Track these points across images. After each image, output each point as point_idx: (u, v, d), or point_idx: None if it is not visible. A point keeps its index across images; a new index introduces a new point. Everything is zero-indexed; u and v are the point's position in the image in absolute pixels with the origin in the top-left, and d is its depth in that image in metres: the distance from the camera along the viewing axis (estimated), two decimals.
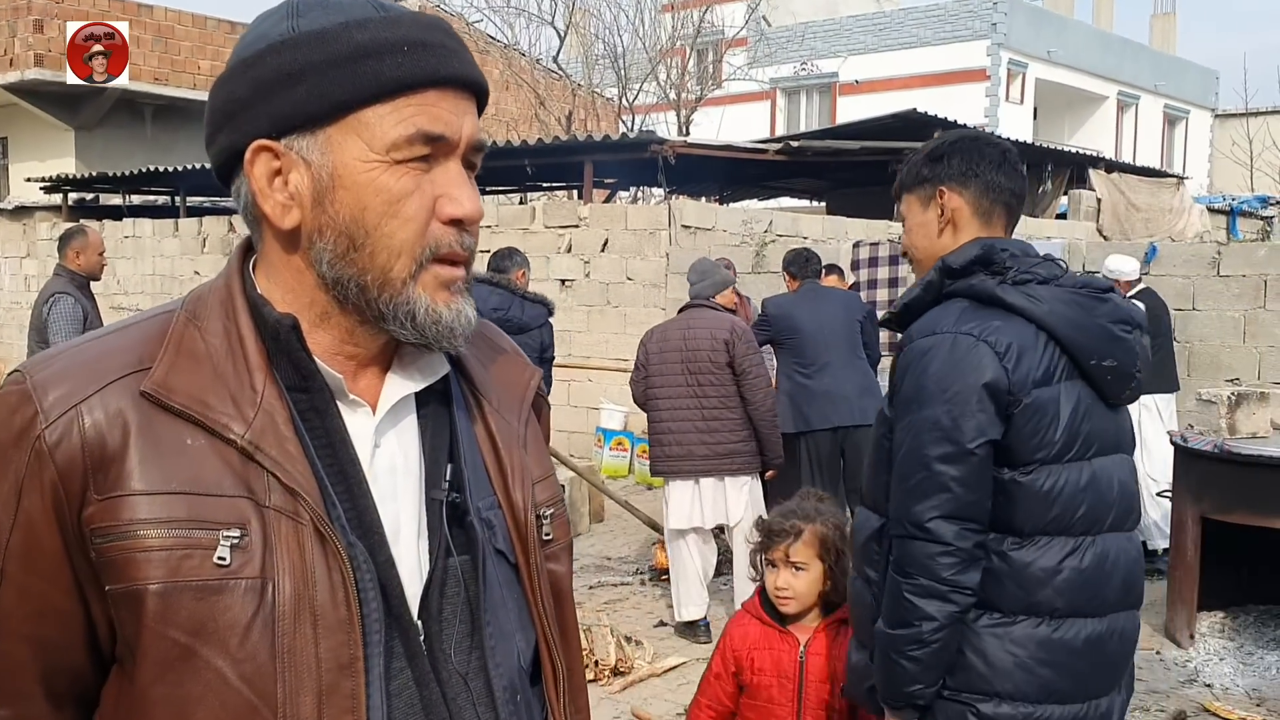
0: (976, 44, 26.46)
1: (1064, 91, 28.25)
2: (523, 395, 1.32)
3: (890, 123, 13.85)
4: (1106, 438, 2.29)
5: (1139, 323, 2.31)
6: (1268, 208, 19.43)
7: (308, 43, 1.08)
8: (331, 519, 1.07)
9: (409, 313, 1.11)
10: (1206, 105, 32.54)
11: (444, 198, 1.12)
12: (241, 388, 1.09)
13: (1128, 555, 2.31)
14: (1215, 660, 5.91)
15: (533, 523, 1.24)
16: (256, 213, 1.14)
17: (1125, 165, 17.93)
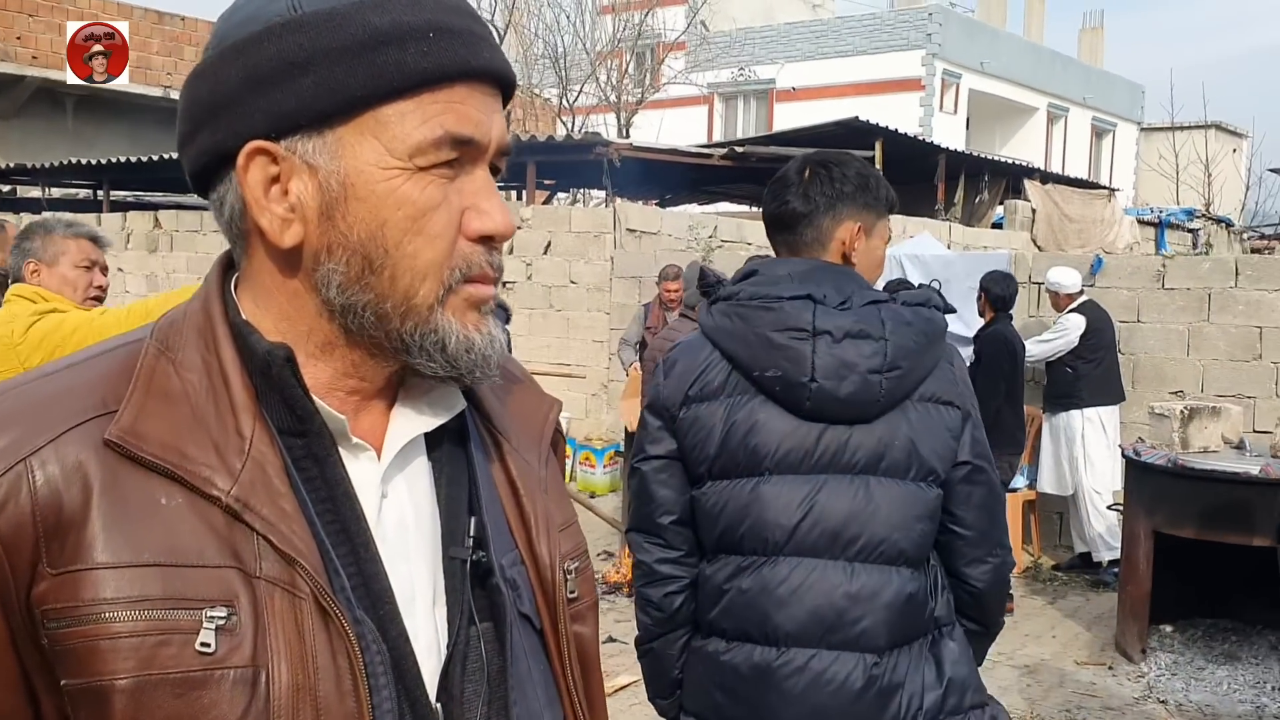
0: (912, 54, 26.73)
1: (996, 102, 28.62)
2: (541, 431, 1.15)
3: (832, 130, 13.87)
4: (805, 455, 2.11)
5: (831, 329, 2.08)
6: (1194, 220, 19.80)
7: (315, 25, 0.90)
8: (335, 590, 0.90)
9: (438, 343, 0.95)
10: (1133, 118, 33.17)
11: (472, 210, 0.95)
12: (225, 433, 0.90)
13: (828, 587, 2.09)
14: (1168, 675, 5.91)
15: (560, 580, 1.07)
16: (247, 226, 0.96)
17: (1059, 176, 18.15)
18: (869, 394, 2.08)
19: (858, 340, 2.08)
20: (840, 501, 2.10)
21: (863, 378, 2.07)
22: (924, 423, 2.12)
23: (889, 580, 2.11)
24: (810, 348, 2.08)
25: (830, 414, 2.10)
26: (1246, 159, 28.97)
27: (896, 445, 2.10)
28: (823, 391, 2.08)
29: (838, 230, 2.21)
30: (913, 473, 2.11)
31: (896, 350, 2.08)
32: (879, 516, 2.10)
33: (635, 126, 20.62)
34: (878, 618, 2.09)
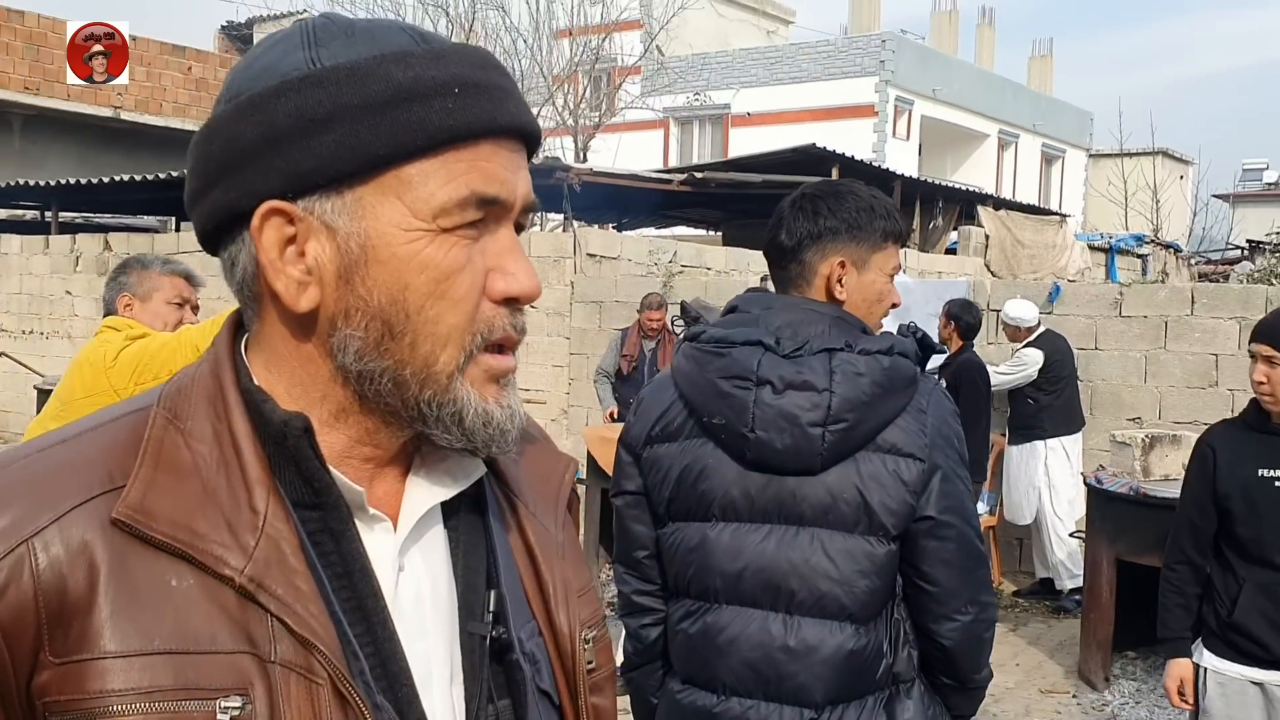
0: (865, 80, 26.96)
1: (948, 129, 28.93)
2: (558, 493, 1.11)
3: (790, 157, 13.96)
4: (750, 503, 2.08)
5: (773, 379, 2.04)
6: (1143, 246, 20.08)
7: (335, 80, 0.86)
8: (354, 674, 0.85)
9: (455, 414, 0.91)
10: (1081, 145, 33.67)
11: (497, 271, 0.91)
12: (238, 508, 0.86)
13: (766, 639, 2.07)
14: (1131, 704, 5.94)
15: (580, 652, 1.03)
16: (260, 289, 0.91)
17: (1011, 202, 18.37)
18: (809, 447, 2.03)
19: (799, 391, 2.03)
20: (783, 552, 2.06)
21: (803, 430, 2.03)
22: (878, 475, 2.04)
23: (829, 635, 2.06)
24: (752, 397, 2.05)
25: (770, 465, 2.06)
26: (1193, 185, 29.54)
27: (845, 498, 2.05)
28: (761, 443, 2.05)
29: (820, 265, 2.16)
30: (861, 526, 2.05)
31: (841, 403, 2.01)
32: (821, 570, 2.05)
33: (592, 150, 20.63)
34: (815, 673, 2.05)
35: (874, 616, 2.09)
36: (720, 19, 30.17)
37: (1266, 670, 3.15)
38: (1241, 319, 8.36)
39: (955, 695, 2.20)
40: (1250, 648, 3.16)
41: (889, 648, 2.11)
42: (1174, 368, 8.15)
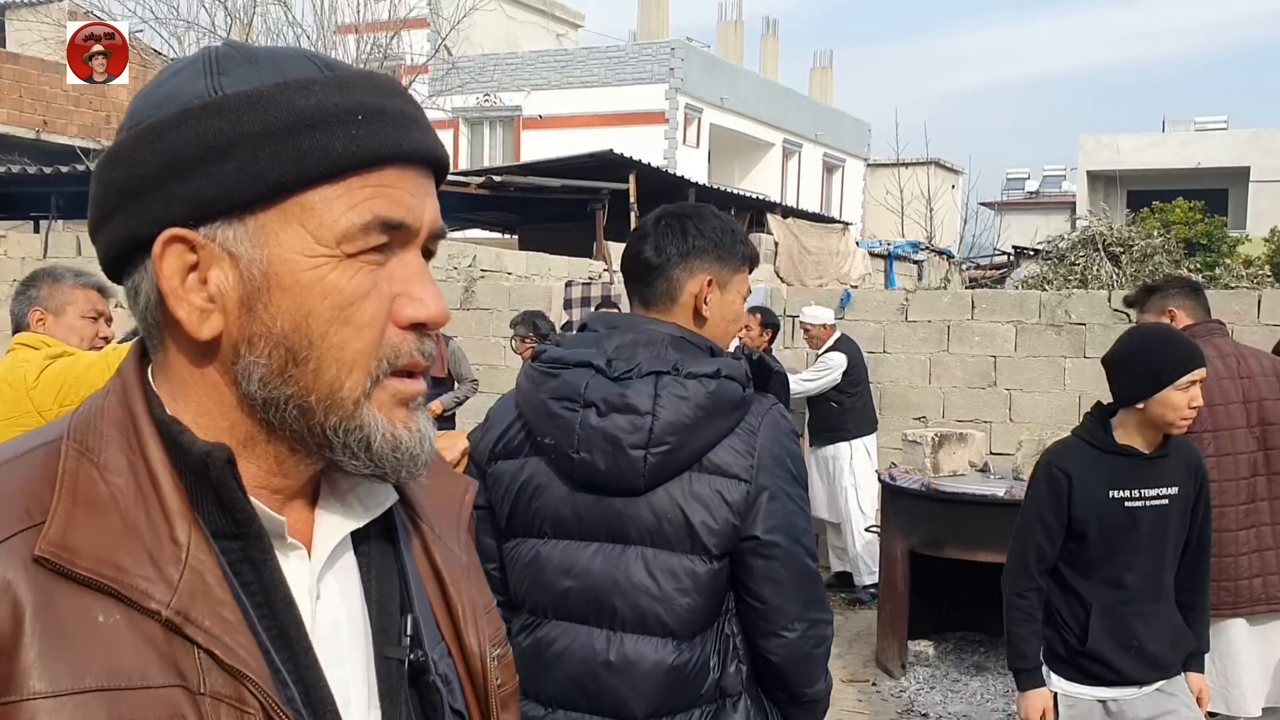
0: (655, 87, 27.36)
1: (735, 137, 29.67)
2: (459, 514, 1.13)
3: (587, 162, 14.06)
4: (578, 522, 2.14)
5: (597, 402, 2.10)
6: (919, 252, 21.10)
7: (236, 108, 0.87)
8: (284, 702, 0.86)
9: (363, 440, 0.90)
10: (860, 155, 35.06)
11: (404, 297, 0.91)
12: (159, 541, 0.85)
13: (589, 654, 2.12)
14: (926, 689, 6.26)
15: (491, 671, 1.06)
16: (163, 317, 0.91)
17: (798, 210, 19.00)
18: (630, 469, 2.07)
19: (622, 414, 2.08)
20: (608, 570, 2.11)
21: (624, 452, 2.07)
22: (701, 495, 2.09)
23: (649, 652, 2.11)
24: (578, 419, 2.10)
25: (595, 486, 2.11)
26: (962, 194, 31.19)
27: (669, 517, 2.09)
28: (585, 464, 2.10)
29: (689, 283, 2.21)
30: (684, 546, 2.10)
31: (664, 426, 2.06)
32: (642, 588, 2.10)
33: None
34: (635, 688, 2.10)
35: (698, 633, 2.14)
36: (509, 20, 30.06)
37: (1113, 689, 3.22)
38: (1018, 322, 8.90)
39: (792, 709, 2.27)
40: (1101, 671, 3.20)
41: (716, 663, 2.16)
42: (956, 369, 8.63)
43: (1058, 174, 38.53)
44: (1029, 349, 8.88)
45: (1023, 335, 8.95)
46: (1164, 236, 15.49)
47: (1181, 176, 29.25)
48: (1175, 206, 20.84)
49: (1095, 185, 30.68)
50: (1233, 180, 29.67)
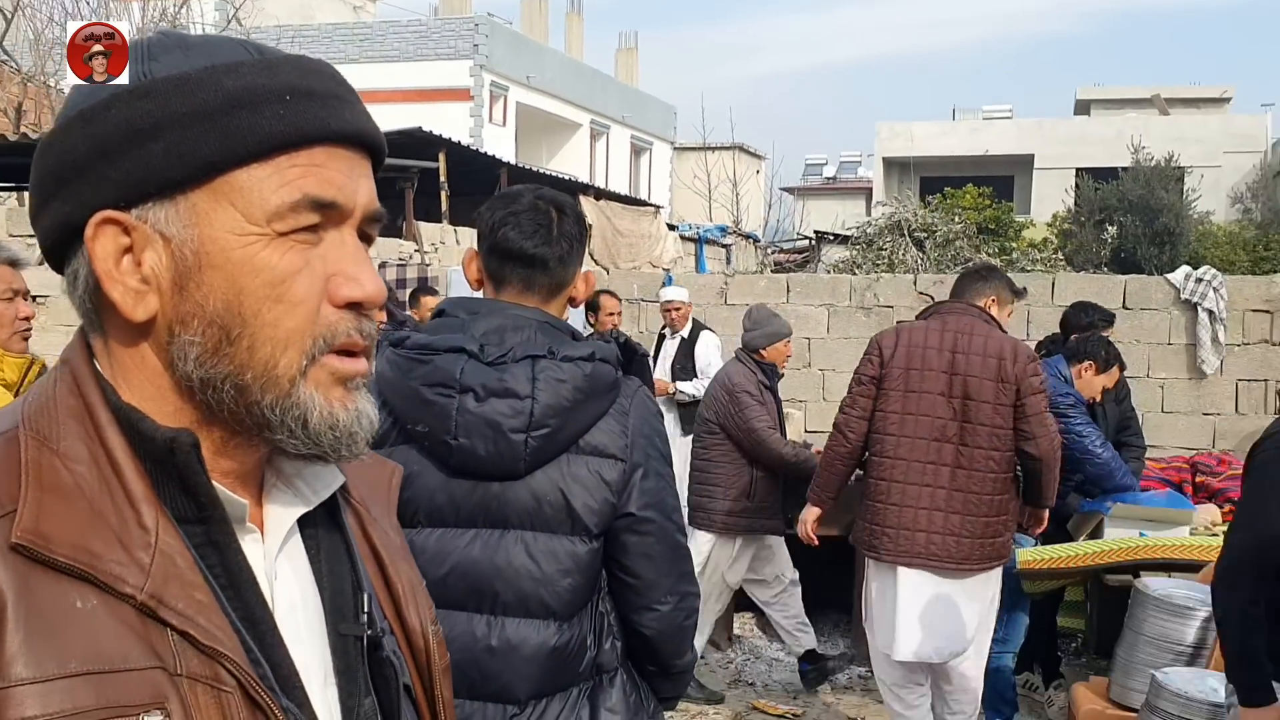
0: (460, 64, 27.03)
1: (542, 116, 29.58)
2: (388, 497, 1.16)
3: (395, 139, 13.73)
4: (454, 509, 2.14)
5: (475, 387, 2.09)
6: (727, 236, 21.47)
7: (164, 91, 0.88)
8: (260, 679, 0.88)
9: (299, 418, 0.91)
10: (667, 138, 35.45)
11: (339, 276, 0.92)
12: (127, 527, 0.85)
13: (470, 641, 2.12)
14: (753, 659, 6.46)
15: (433, 647, 1.09)
16: (102, 301, 0.92)
17: (609, 193, 19.07)
18: (511, 453, 2.09)
19: (502, 399, 2.08)
20: (487, 556, 2.12)
21: (505, 437, 2.08)
22: (580, 476, 2.12)
23: (531, 634, 2.13)
24: (455, 405, 2.09)
25: (474, 472, 2.11)
26: (766, 179, 31.90)
27: (549, 500, 2.12)
28: (463, 450, 2.10)
29: (576, 276, 2.24)
30: (564, 527, 2.12)
31: (544, 409, 2.07)
32: (524, 572, 2.12)
33: None
34: (517, 670, 2.12)
35: (577, 612, 2.17)
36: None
37: None
38: (830, 305, 9.18)
39: (660, 680, 2.31)
40: None
41: (593, 640, 2.19)
42: None
43: (854, 160, 39.81)
44: (840, 330, 9.17)
45: (834, 317, 9.24)
46: (963, 223, 16.22)
47: (971, 163, 30.69)
48: (966, 192, 21.84)
49: (891, 171, 31.87)
50: (1018, 167, 31.29)
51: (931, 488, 4.33)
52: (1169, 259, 18.48)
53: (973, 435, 4.29)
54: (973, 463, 4.30)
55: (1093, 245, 20.47)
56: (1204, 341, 8.65)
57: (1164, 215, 20.34)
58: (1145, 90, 33.83)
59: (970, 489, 4.30)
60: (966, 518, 4.30)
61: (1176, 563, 4.92)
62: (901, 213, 16.20)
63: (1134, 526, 5.19)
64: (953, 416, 4.30)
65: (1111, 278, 9.70)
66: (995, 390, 4.26)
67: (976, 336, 4.34)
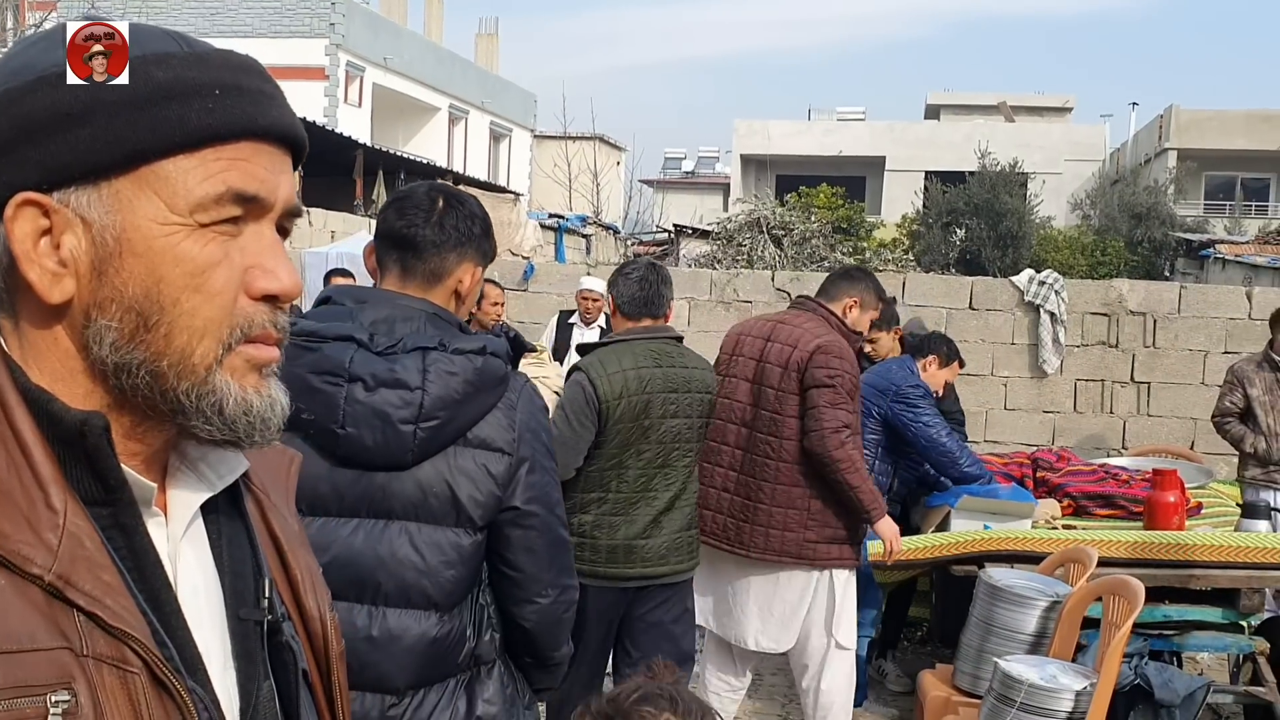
0: (315, 42, 26.45)
1: (399, 99, 29.13)
2: (287, 484, 1.18)
3: None
4: (338, 499, 2.12)
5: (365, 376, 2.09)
6: (587, 226, 21.51)
7: None
8: (165, 659, 0.88)
9: (215, 404, 0.93)
10: (527, 125, 35.27)
11: (256, 269, 0.94)
12: (34, 508, 0.85)
13: (350, 631, 2.07)
14: None
15: (331, 633, 1.11)
16: (16, 281, 0.91)
17: (469, 179, 18.92)
18: (399, 444, 2.09)
19: (391, 389, 2.08)
20: (370, 546, 2.11)
21: (394, 428, 2.08)
22: (467, 469, 2.12)
23: (412, 625, 2.13)
24: (343, 394, 2.08)
25: (360, 461, 2.10)
26: (626, 171, 32.02)
27: (434, 492, 2.12)
28: (350, 440, 2.09)
29: (458, 269, 2.22)
30: (449, 519, 2.13)
31: (434, 401, 2.08)
32: (407, 563, 2.12)
33: None
34: (396, 661, 2.12)
35: (458, 604, 2.17)
36: None
37: None
38: (691, 299, 9.27)
39: (537, 672, 2.34)
40: None
41: (472, 632, 2.19)
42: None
43: (712, 155, 40.27)
44: (700, 324, 9.28)
45: (695, 311, 9.34)
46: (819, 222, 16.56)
47: (825, 163, 31.37)
48: (820, 192, 22.29)
49: (748, 168, 32.35)
50: (870, 168, 32.10)
51: (724, 469, 4.44)
52: (1012, 261, 19.22)
53: (757, 420, 4.38)
54: (753, 446, 4.38)
55: (941, 247, 21.14)
56: (1045, 342, 9.01)
57: (1008, 219, 21.13)
58: (993, 97, 35.06)
59: (752, 474, 4.38)
60: (748, 503, 4.39)
61: (1019, 553, 5.12)
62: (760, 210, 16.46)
63: (979, 519, 5.37)
64: (751, 403, 4.41)
65: (959, 279, 10.02)
66: (780, 376, 4.33)
67: (794, 329, 4.41)
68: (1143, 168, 30.07)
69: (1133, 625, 3.96)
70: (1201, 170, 30.48)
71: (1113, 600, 4.20)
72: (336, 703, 1.12)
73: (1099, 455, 7.76)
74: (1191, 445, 8.58)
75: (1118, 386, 9.04)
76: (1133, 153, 33.02)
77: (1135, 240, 22.38)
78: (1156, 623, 4.85)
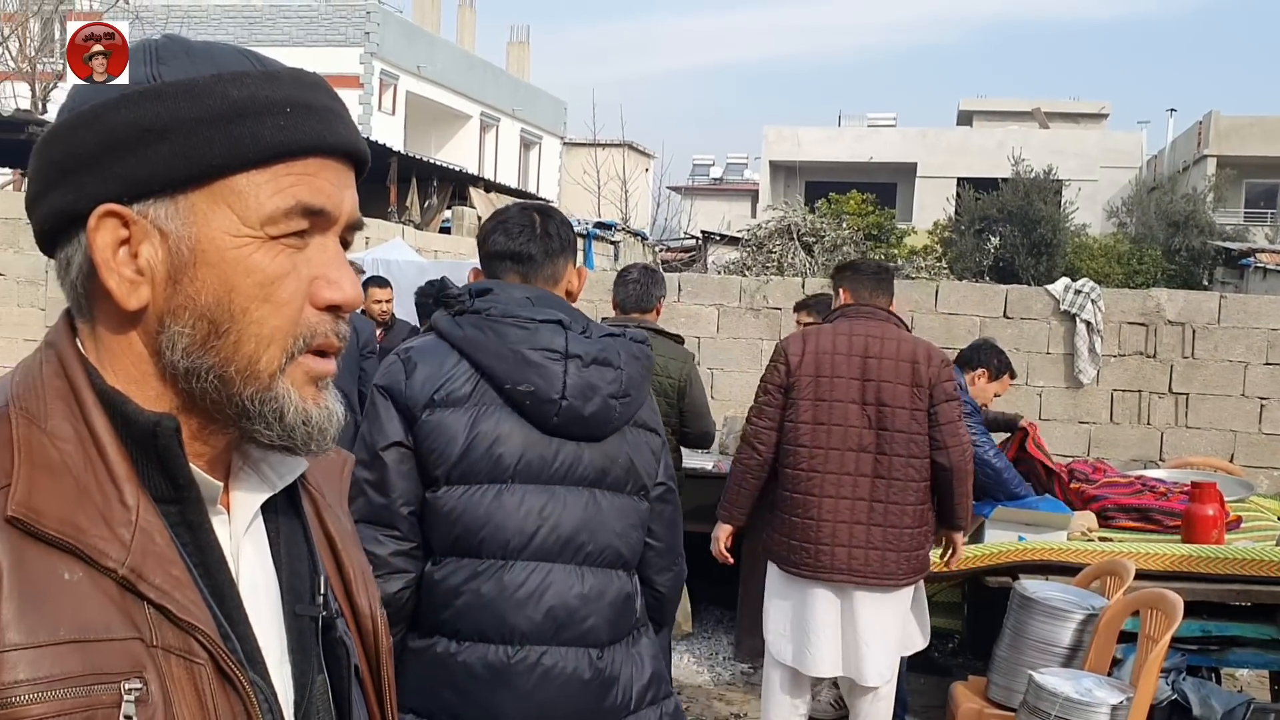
0: (350, 50, 26.68)
1: (432, 107, 29.30)
2: (341, 485, 1.22)
3: None
4: (544, 467, 2.29)
5: (581, 354, 2.30)
6: (616, 233, 21.49)
7: (173, 95, 0.93)
8: (229, 652, 0.93)
9: (277, 411, 0.97)
10: (557, 133, 35.37)
11: (321, 280, 0.98)
12: (109, 504, 0.91)
13: (562, 588, 2.27)
14: None
15: (381, 630, 1.15)
16: (95, 288, 0.96)
17: (499, 185, 18.95)
18: (607, 415, 2.32)
19: (601, 367, 2.32)
20: (572, 511, 2.31)
21: (604, 400, 2.32)
22: (637, 444, 2.39)
23: (611, 581, 2.34)
24: (563, 368, 2.29)
25: (572, 431, 2.31)
26: (654, 177, 32.01)
27: (619, 462, 2.35)
28: (571, 409, 2.29)
29: (568, 270, 2.49)
30: (629, 487, 2.37)
31: (629, 379, 2.35)
32: (605, 525, 2.33)
33: (53, 100, 18.72)
34: (602, 616, 2.31)
35: (635, 565, 2.43)
36: None
37: None
38: (720, 305, 9.23)
39: None
40: None
41: (635, 592, 2.43)
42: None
43: (741, 162, 40.23)
44: (730, 331, 9.24)
45: (725, 317, 9.30)
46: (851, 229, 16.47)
47: (856, 170, 31.23)
48: (850, 198, 22.17)
49: (777, 175, 32.27)
50: (901, 175, 31.95)
51: (850, 500, 4.19)
52: (1046, 269, 19.04)
53: (890, 443, 4.17)
54: (891, 471, 4.18)
55: (973, 254, 20.99)
56: (1081, 352, 8.91)
57: (1041, 226, 20.94)
58: (1026, 104, 34.85)
59: (891, 499, 4.18)
60: (889, 530, 4.18)
61: (1054, 565, 5.05)
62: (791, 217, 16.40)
63: (1013, 530, 5.31)
64: (867, 425, 4.18)
65: (993, 287, 9.94)
66: (910, 395, 4.16)
67: (888, 340, 4.24)
68: (1181, 175, 29.80)
69: (1170, 640, 3.89)
70: (1241, 177, 30.17)
71: (1150, 614, 4.12)
72: (385, 697, 1.15)
73: (1135, 467, 7.65)
74: (1231, 458, 8.46)
75: (1155, 397, 8.91)
76: (1170, 160, 32.71)
77: (1173, 249, 22.11)
78: (1195, 637, 4.77)
